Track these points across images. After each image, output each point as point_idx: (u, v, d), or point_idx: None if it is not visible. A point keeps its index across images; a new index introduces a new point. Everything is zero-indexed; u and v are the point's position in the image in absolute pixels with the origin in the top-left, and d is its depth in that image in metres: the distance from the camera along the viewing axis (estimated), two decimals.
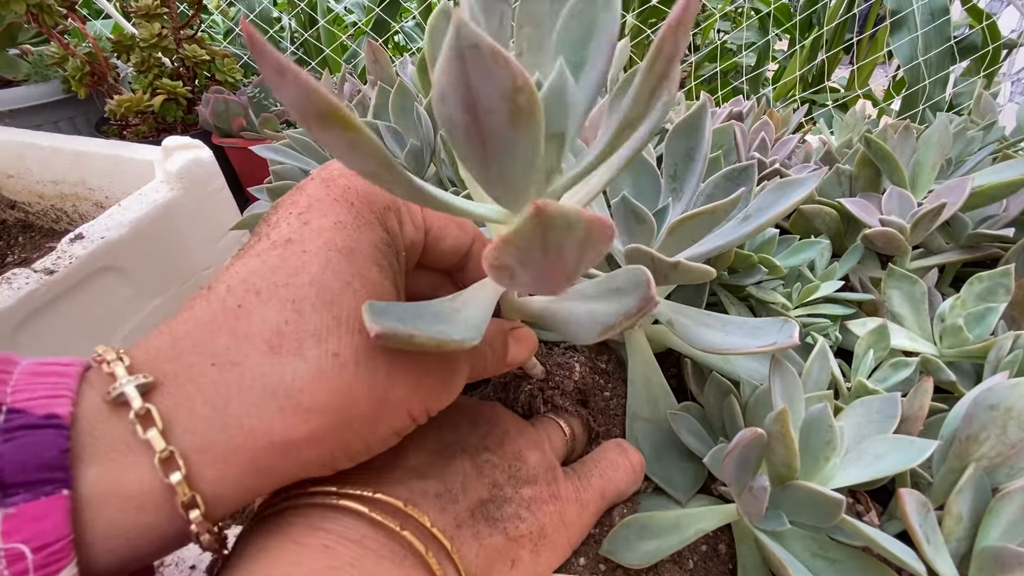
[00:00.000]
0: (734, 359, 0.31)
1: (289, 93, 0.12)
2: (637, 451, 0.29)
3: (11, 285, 0.44)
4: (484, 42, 0.11)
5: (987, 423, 0.22)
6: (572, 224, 0.12)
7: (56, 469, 0.14)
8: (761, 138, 0.41)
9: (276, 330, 0.17)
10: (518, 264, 0.14)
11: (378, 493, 0.20)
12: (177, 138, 0.61)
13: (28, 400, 0.14)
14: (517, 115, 0.12)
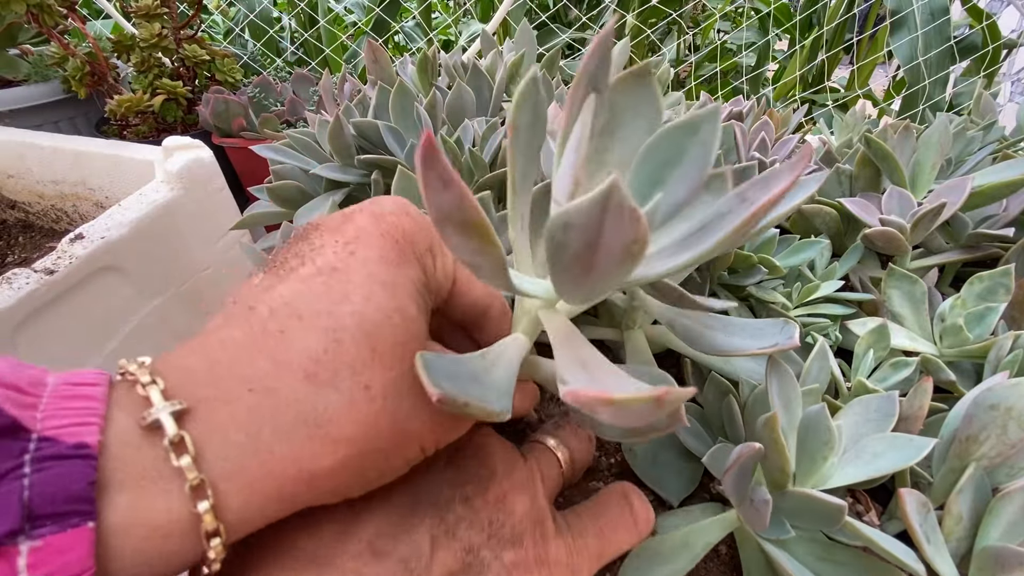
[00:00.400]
0: (733, 360, 0.31)
1: (446, 201, 0.14)
2: (645, 504, 0.25)
3: (11, 285, 0.45)
4: (627, 203, 0.12)
5: (987, 423, 0.22)
6: (672, 412, 0.15)
7: (83, 501, 0.14)
8: (761, 138, 0.41)
9: (315, 359, 0.17)
10: (608, 416, 0.15)
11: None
12: (177, 138, 0.61)
13: (58, 429, 0.14)
14: (627, 257, 0.14)
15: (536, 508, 0.23)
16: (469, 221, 0.14)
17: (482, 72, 0.45)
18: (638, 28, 1.52)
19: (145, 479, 0.15)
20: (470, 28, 1.64)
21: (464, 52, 0.96)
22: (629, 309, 0.33)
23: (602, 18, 1.59)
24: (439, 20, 1.87)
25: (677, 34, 1.68)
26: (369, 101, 0.42)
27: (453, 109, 0.42)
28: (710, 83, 1.52)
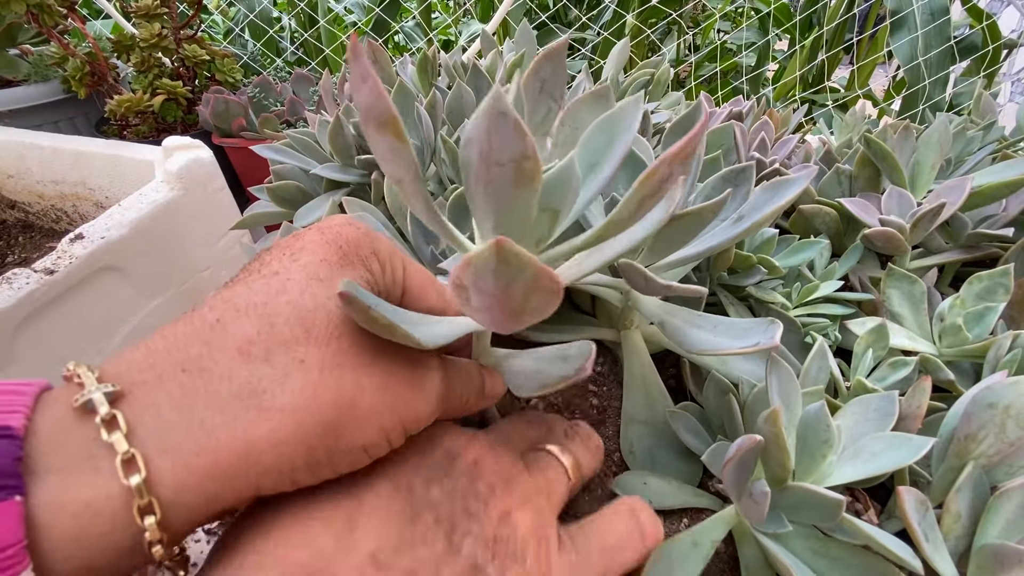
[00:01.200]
0: (728, 360, 0.31)
1: (364, 96, 0.15)
2: (654, 520, 0.24)
3: (11, 285, 0.45)
4: (511, 113, 0.13)
5: (986, 422, 0.23)
6: (523, 266, 0.14)
7: (10, 476, 0.14)
8: (761, 138, 0.41)
9: (248, 339, 0.17)
10: (473, 287, 0.15)
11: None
12: (177, 138, 0.61)
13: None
14: (520, 175, 0.15)
15: (540, 524, 0.22)
16: (384, 116, 0.15)
17: (482, 72, 0.45)
18: (638, 28, 1.52)
19: (76, 457, 0.15)
20: (470, 28, 1.64)
21: (464, 52, 0.96)
22: (625, 309, 0.33)
23: (602, 18, 1.59)
24: (439, 20, 1.87)
25: (677, 34, 1.68)
26: None
27: (453, 109, 0.42)
28: (710, 83, 1.52)
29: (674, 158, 0.16)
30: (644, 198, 0.17)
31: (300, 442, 0.17)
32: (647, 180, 0.16)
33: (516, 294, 0.15)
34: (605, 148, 0.20)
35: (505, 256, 0.13)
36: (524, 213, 0.17)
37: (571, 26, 1.62)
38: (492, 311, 0.16)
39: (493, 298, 0.15)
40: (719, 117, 0.43)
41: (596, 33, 1.54)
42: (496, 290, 0.15)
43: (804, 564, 0.23)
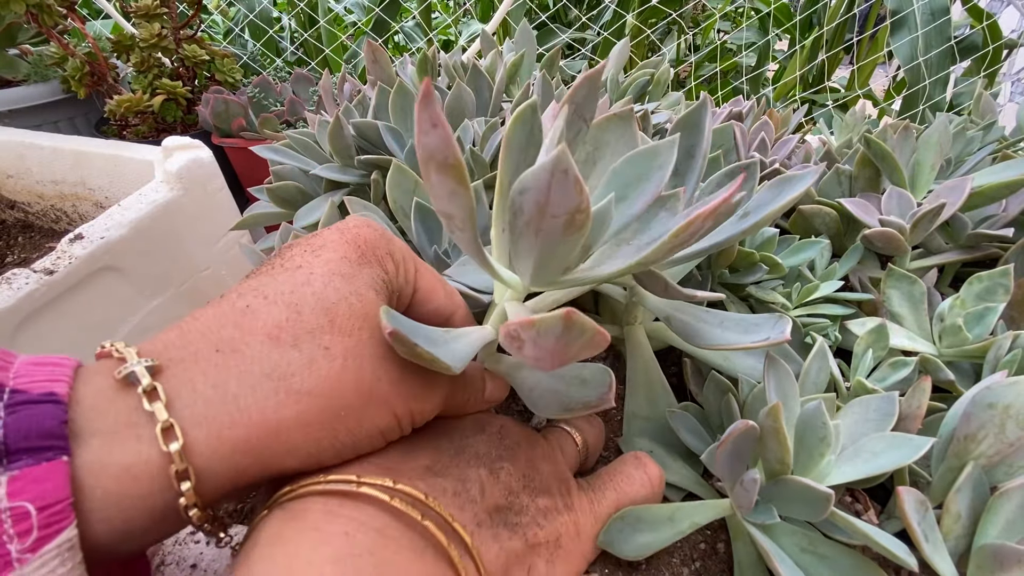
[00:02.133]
0: (732, 357, 0.31)
1: (432, 140, 0.16)
2: (656, 464, 0.28)
3: (11, 285, 0.45)
4: (572, 170, 0.14)
5: (985, 422, 0.23)
6: (585, 330, 0.16)
7: (56, 438, 0.15)
8: (761, 138, 0.41)
9: (277, 325, 0.19)
10: (531, 343, 0.17)
11: (399, 483, 0.20)
12: (177, 138, 0.61)
13: (29, 383, 0.16)
14: (571, 225, 0.16)
15: (559, 471, 0.26)
16: (448, 161, 0.16)
17: (482, 72, 0.45)
18: (638, 28, 1.52)
19: (118, 424, 0.16)
20: (470, 28, 1.64)
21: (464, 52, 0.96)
22: (629, 305, 0.33)
23: (602, 18, 1.59)
24: (439, 20, 1.87)
25: (677, 34, 1.68)
26: (369, 101, 0.42)
27: (453, 109, 0.42)
28: (710, 83, 1.52)
29: (710, 215, 0.17)
30: (676, 247, 0.19)
31: (325, 424, 0.19)
32: (681, 232, 0.18)
33: (573, 350, 0.17)
34: (635, 183, 0.21)
35: (571, 324, 0.15)
36: (566, 254, 0.19)
37: (571, 26, 1.62)
38: (543, 360, 0.18)
39: (550, 353, 0.17)
40: (719, 117, 0.43)
41: (596, 33, 1.54)
42: (555, 348, 0.17)
43: (789, 558, 0.23)
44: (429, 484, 0.21)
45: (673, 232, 0.18)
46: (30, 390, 0.15)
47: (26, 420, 0.15)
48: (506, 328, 0.17)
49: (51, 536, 0.14)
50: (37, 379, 0.16)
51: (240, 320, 0.19)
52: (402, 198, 0.33)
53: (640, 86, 0.55)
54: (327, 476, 0.19)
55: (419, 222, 0.32)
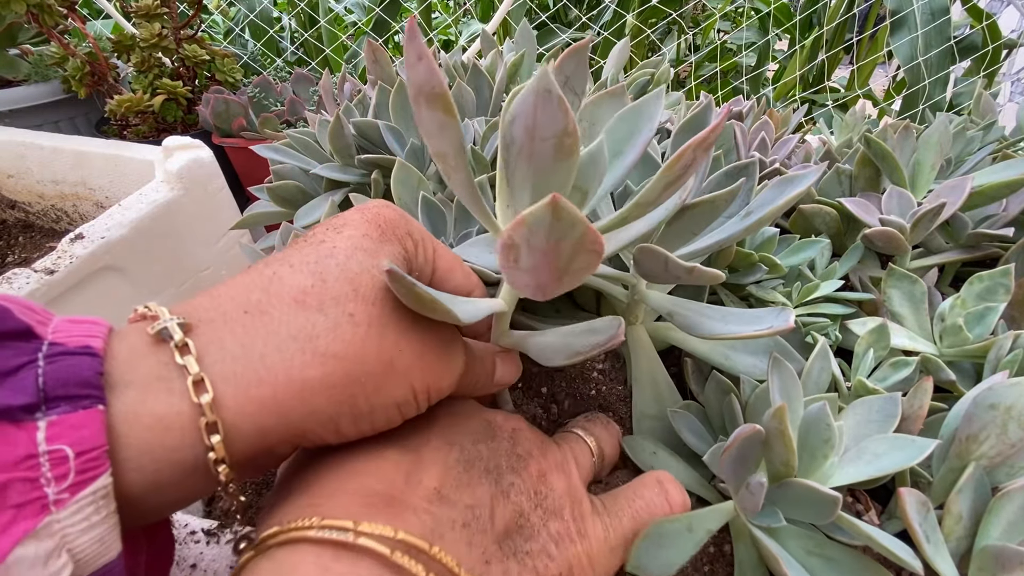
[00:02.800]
0: (733, 356, 0.31)
1: (418, 72, 0.16)
2: (680, 490, 0.26)
3: (11, 285, 0.45)
4: (555, 90, 0.15)
5: (987, 422, 0.22)
6: (575, 223, 0.15)
7: (93, 387, 0.15)
8: (761, 138, 0.41)
9: (303, 290, 0.19)
10: (525, 244, 0.16)
11: (400, 531, 0.18)
12: (177, 138, 0.61)
13: (67, 337, 0.16)
14: (560, 149, 0.16)
15: (573, 487, 0.25)
16: (435, 91, 0.16)
17: (482, 72, 0.45)
18: (638, 28, 1.52)
19: (151, 377, 0.17)
20: (470, 28, 1.64)
21: (464, 52, 0.96)
22: (631, 304, 0.33)
23: (602, 18, 1.59)
24: (439, 20, 1.87)
25: (677, 34, 1.68)
26: (369, 101, 0.42)
27: None
28: (710, 83, 1.52)
29: (699, 144, 0.17)
30: (670, 182, 0.18)
31: (347, 388, 0.19)
32: (674, 164, 0.17)
33: (564, 251, 0.16)
34: (628, 137, 0.21)
35: (559, 212, 0.14)
36: (561, 187, 0.18)
37: (571, 26, 1.62)
38: (539, 270, 0.17)
39: (543, 255, 0.16)
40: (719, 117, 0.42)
41: (596, 33, 1.54)
42: (547, 246, 0.16)
43: (796, 561, 0.23)
44: (437, 518, 0.20)
45: (666, 165, 0.18)
46: (68, 343, 0.16)
47: (65, 370, 0.15)
48: (501, 240, 0.16)
49: (88, 482, 0.14)
50: (75, 334, 0.16)
51: (267, 285, 0.19)
52: (406, 194, 0.33)
53: (640, 86, 0.55)
54: (321, 519, 0.18)
55: (425, 216, 0.32)
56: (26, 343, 0.15)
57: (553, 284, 0.18)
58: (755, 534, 0.24)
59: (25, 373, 0.15)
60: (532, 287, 0.19)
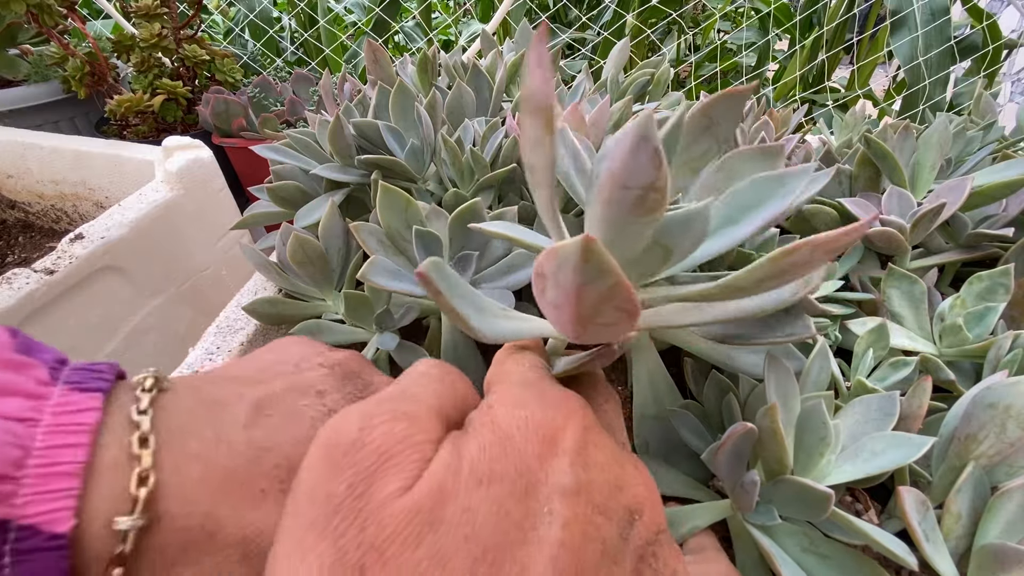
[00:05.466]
0: (736, 355, 0.31)
1: (533, 81, 0.15)
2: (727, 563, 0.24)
3: (11, 285, 0.45)
4: (654, 141, 0.13)
5: (986, 422, 0.23)
6: (604, 272, 0.14)
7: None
8: (761, 138, 0.41)
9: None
10: (552, 277, 0.15)
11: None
12: (177, 138, 0.61)
13: (35, 517, 0.15)
14: (641, 203, 0.14)
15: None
16: (542, 105, 0.15)
17: (482, 72, 0.45)
18: (638, 28, 1.52)
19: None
20: (470, 28, 1.64)
21: (464, 52, 0.96)
22: None
23: (602, 18, 1.59)
24: (439, 20, 1.87)
25: (677, 34, 1.68)
26: (369, 101, 0.42)
27: (453, 109, 0.42)
28: (710, 83, 1.52)
29: (820, 246, 0.15)
30: (771, 276, 0.16)
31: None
32: (780, 258, 0.15)
33: (589, 298, 0.15)
34: (753, 206, 0.18)
35: (589, 254, 0.13)
36: (634, 240, 0.16)
37: (571, 26, 1.62)
38: (563, 309, 0.16)
39: (566, 295, 0.15)
40: None
41: (596, 33, 1.54)
42: (571, 287, 0.15)
43: (791, 559, 0.23)
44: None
45: (772, 256, 0.15)
46: (39, 527, 0.15)
47: (32, 574, 0.14)
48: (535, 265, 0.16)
49: None
50: (44, 509, 0.15)
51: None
52: (395, 220, 0.32)
53: (640, 86, 0.55)
54: None
55: (421, 247, 0.31)
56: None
57: (577, 328, 0.17)
58: (751, 532, 0.24)
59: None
60: (556, 322, 0.17)
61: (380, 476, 0.14)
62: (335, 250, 0.36)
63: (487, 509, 0.15)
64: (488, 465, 0.15)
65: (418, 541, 0.14)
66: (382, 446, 0.15)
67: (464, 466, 0.15)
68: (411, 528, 0.14)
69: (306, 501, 0.14)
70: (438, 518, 0.14)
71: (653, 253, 0.17)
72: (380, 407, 0.16)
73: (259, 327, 0.39)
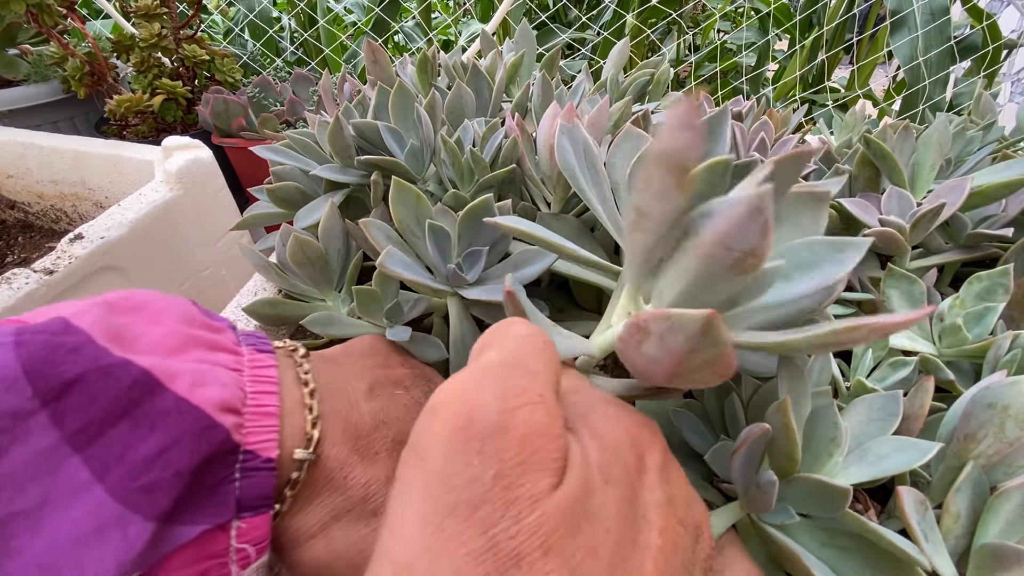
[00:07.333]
0: (740, 353, 0.31)
1: (678, 141, 0.15)
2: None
3: (11, 285, 0.45)
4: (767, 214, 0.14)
5: (985, 421, 0.23)
6: (718, 344, 0.15)
7: (268, 498, 0.20)
8: (761, 138, 0.41)
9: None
10: (658, 337, 0.16)
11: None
12: (177, 138, 0.61)
13: (256, 443, 0.20)
14: (739, 264, 0.15)
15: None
16: (682, 167, 0.15)
17: (482, 72, 0.45)
18: (638, 28, 1.52)
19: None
20: (470, 28, 1.64)
21: (464, 52, 0.96)
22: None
23: (602, 18, 1.59)
24: (439, 20, 1.87)
25: (677, 34, 1.68)
26: (369, 101, 0.42)
27: (453, 109, 0.42)
28: (710, 83, 1.52)
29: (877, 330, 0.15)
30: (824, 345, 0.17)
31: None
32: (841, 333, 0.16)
33: (693, 362, 0.16)
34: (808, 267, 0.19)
35: (710, 330, 0.14)
36: (717, 294, 0.17)
37: (571, 26, 1.62)
38: (661, 364, 0.17)
39: (670, 354, 0.16)
40: None
41: (596, 33, 1.54)
42: (679, 351, 0.15)
43: (813, 556, 0.23)
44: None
45: (828, 329, 0.16)
46: (258, 452, 0.19)
47: (253, 487, 0.19)
48: (637, 317, 0.16)
49: (256, 559, 0.19)
50: (262, 439, 0.20)
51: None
52: (406, 215, 0.32)
53: (640, 86, 0.55)
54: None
55: (433, 243, 0.31)
56: (231, 456, 0.19)
57: (662, 379, 0.17)
58: (768, 532, 0.24)
59: (227, 488, 0.19)
60: (647, 374, 0.18)
61: (530, 471, 0.14)
62: (335, 251, 0.36)
63: (615, 508, 0.15)
64: (607, 468, 0.16)
65: (576, 530, 0.14)
66: (527, 436, 0.15)
67: (592, 465, 0.16)
68: (571, 518, 0.14)
69: (440, 481, 0.14)
70: (588, 510, 0.14)
71: (720, 306, 0.18)
72: (508, 382, 0.16)
73: (259, 328, 0.39)
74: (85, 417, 0.17)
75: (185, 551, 0.18)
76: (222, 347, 0.21)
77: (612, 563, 0.14)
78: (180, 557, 0.17)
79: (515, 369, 0.16)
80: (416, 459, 0.15)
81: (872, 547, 0.23)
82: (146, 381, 0.18)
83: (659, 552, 0.16)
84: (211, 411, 0.18)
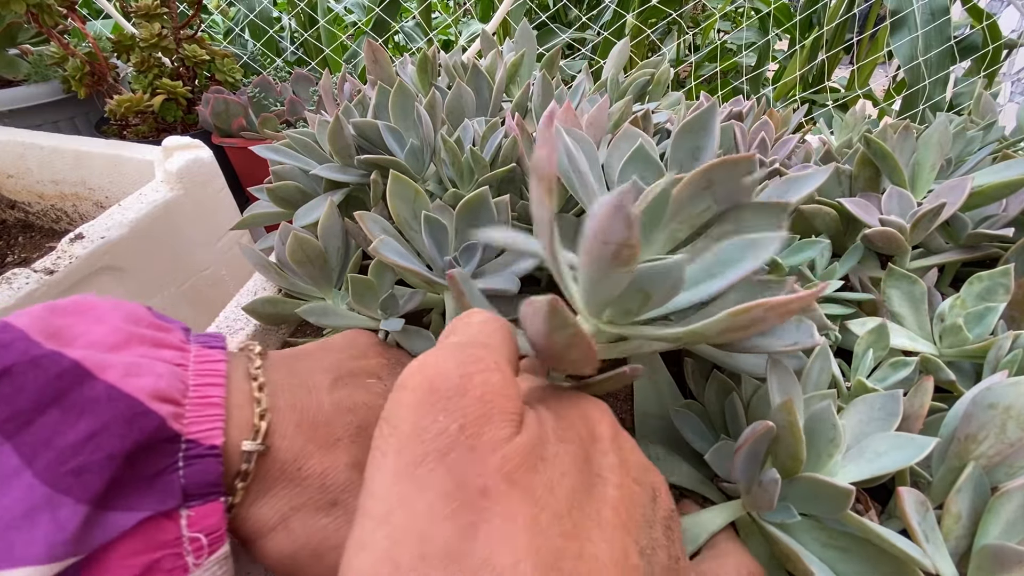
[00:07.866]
0: (737, 354, 0.31)
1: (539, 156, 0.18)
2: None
3: (11, 285, 0.45)
4: (626, 210, 0.16)
5: (986, 422, 0.23)
6: (566, 325, 0.17)
7: (216, 486, 0.20)
8: (761, 138, 0.41)
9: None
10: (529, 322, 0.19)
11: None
12: (177, 138, 0.61)
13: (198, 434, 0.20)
14: (617, 257, 0.17)
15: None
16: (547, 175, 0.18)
17: (482, 72, 0.45)
18: (638, 28, 1.52)
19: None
20: (470, 28, 1.64)
21: (464, 52, 0.96)
22: None
23: (602, 18, 1.59)
24: (439, 20, 1.87)
25: (677, 34, 1.68)
26: (369, 101, 0.42)
27: (453, 109, 0.42)
28: (710, 83, 1.52)
29: (774, 307, 0.17)
30: (729, 329, 0.19)
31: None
32: (740, 314, 0.17)
33: (558, 342, 0.18)
34: (732, 263, 0.21)
35: (553, 311, 0.16)
36: (613, 287, 0.19)
37: (571, 26, 1.62)
38: (537, 344, 0.19)
39: (542, 336, 0.18)
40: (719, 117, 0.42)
41: (596, 33, 1.54)
42: (544, 332, 0.18)
43: (814, 556, 0.23)
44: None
45: (732, 312, 0.18)
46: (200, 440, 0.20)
47: (198, 474, 0.19)
48: (520, 311, 0.18)
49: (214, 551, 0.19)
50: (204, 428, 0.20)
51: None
52: (404, 209, 0.33)
53: (640, 86, 0.55)
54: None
55: (429, 235, 0.31)
56: (172, 445, 0.19)
57: (554, 362, 0.20)
58: (769, 531, 0.24)
59: (170, 476, 0.19)
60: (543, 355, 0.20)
61: (490, 422, 0.16)
62: (334, 249, 0.36)
63: (570, 460, 0.17)
64: (561, 432, 0.18)
65: (534, 470, 0.16)
66: (485, 395, 0.16)
67: (547, 425, 0.18)
68: (530, 460, 0.16)
69: (411, 439, 0.15)
70: (543, 456, 0.16)
71: (633, 296, 0.20)
72: (466, 353, 0.17)
73: (259, 327, 0.39)
74: (13, 407, 0.17)
75: (131, 539, 0.18)
76: (167, 344, 0.22)
77: (570, 502, 0.16)
78: (127, 545, 0.18)
79: (473, 345, 0.18)
80: (389, 428, 0.16)
81: (873, 548, 0.23)
82: (76, 371, 0.18)
83: (617, 502, 0.17)
84: (143, 399, 0.19)
